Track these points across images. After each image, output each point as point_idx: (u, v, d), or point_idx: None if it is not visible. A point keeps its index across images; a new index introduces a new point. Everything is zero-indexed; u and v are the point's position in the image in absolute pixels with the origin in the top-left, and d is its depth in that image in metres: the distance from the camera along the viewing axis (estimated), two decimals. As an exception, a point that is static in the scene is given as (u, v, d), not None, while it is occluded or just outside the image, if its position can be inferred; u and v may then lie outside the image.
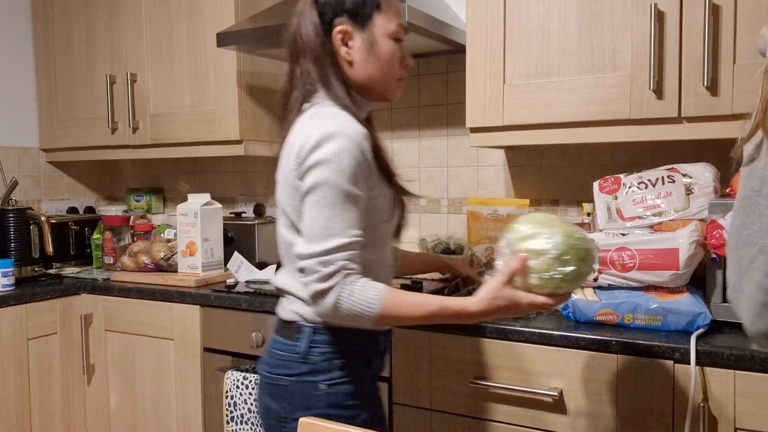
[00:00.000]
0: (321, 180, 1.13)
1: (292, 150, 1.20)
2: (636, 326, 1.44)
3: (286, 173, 1.22)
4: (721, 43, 1.46)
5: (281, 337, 1.26)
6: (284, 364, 1.23)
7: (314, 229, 1.13)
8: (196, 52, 2.29)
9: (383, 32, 1.23)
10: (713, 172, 1.51)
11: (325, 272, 1.11)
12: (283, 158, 1.25)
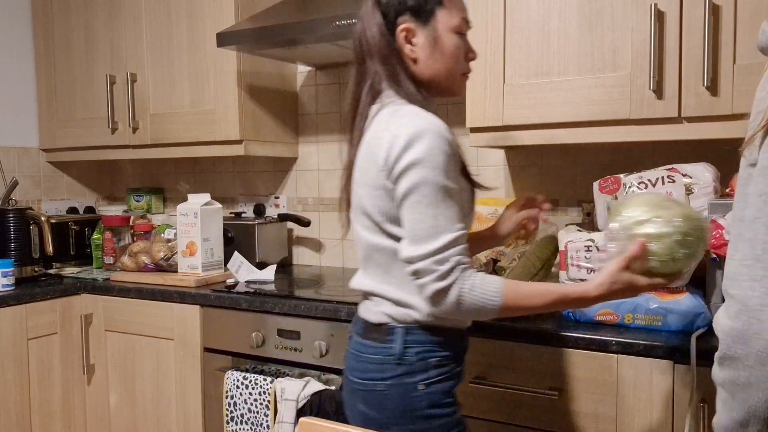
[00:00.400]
0: (419, 180, 1.11)
1: (376, 151, 1.17)
2: (636, 326, 1.44)
3: (371, 175, 1.18)
4: (721, 43, 1.46)
5: (370, 340, 1.22)
6: (378, 368, 1.20)
7: (420, 229, 1.11)
8: (196, 52, 2.29)
9: (446, 27, 1.22)
10: (713, 172, 1.51)
11: (442, 270, 1.09)
12: (363, 160, 1.21)
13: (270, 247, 2.41)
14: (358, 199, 1.23)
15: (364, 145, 1.22)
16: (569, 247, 1.51)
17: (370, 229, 1.22)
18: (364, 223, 1.23)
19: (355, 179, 1.24)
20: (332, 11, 1.85)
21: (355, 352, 1.25)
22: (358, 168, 1.22)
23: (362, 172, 1.21)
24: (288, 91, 2.48)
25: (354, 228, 1.28)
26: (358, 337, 1.26)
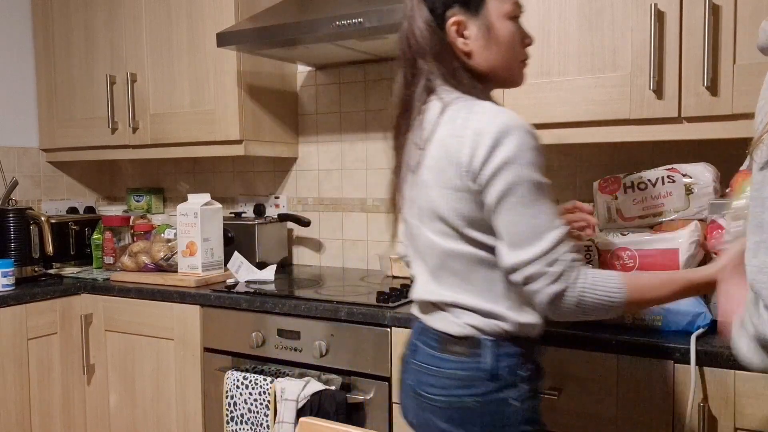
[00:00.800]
0: (515, 180, 1.03)
1: (457, 151, 1.08)
2: (636, 326, 1.44)
3: (449, 176, 1.09)
4: (721, 43, 1.46)
5: (451, 354, 1.13)
6: (465, 383, 1.11)
7: (522, 232, 1.04)
8: (196, 52, 2.29)
9: (499, 14, 1.14)
10: (713, 172, 1.51)
11: (556, 272, 1.02)
12: (438, 160, 1.11)
13: (270, 247, 2.41)
14: (429, 202, 1.13)
15: (436, 145, 1.11)
16: (569, 247, 1.51)
17: (445, 234, 1.12)
18: (437, 228, 1.13)
19: (423, 182, 1.13)
20: (332, 11, 1.85)
21: (429, 366, 1.15)
22: (430, 169, 1.12)
23: (437, 174, 1.11)
24: (288, 91, 2.48)
25: (419, 234, 1.17)
26: (431, 350, 1.15)
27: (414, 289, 1.22)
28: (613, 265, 1.45)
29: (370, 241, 2.41)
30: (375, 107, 2.37)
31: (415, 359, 1.18)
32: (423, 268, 1.18)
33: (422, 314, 1.21)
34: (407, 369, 1.21)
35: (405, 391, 1.21)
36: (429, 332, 1.17)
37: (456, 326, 1.13)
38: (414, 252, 1.21)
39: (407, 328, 1.62)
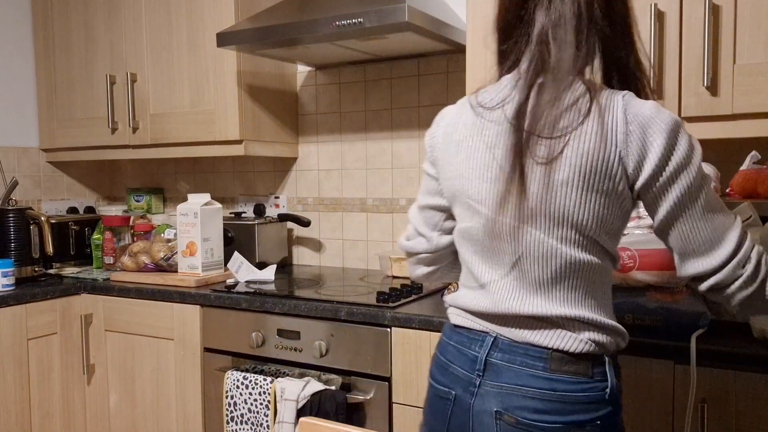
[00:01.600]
0: (692, 182, 0.94)
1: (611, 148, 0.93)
2: (636, 326, 1.44)
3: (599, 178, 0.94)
4: (721, 43, 1.46)
5: (569, 375, 0.98)
6: (587, 407, 0.97)
7: (705, 237, 0.95)
8: (196, 52, 2.29)
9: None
10: (713, 172, 1.51)
11: (749, 272, 0.95)
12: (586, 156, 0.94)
13: (270, 247, 2.41)
14: (562, 206, 0.96)
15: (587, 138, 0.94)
16: (569, 247, 1.51)
17: (574, 242, 0.97)
18: (564, 235, 0.97)
19: (559, 181, 0.95)
20: (332, 11, 1.85)
21: (535, 389, 0.98)
22: (575, 167, 0.94)
23: (585, 173, 0.94)
24: (288, 91, 2.48)
25: (528, 239, 0.99)
26: (535, 371, 0.99)
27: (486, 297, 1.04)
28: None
29: (370, 241, 2.41)
30: (375, 107, 2.37)
31: (503, 381, 1.00)
32: (517, 275, 1.01)
33: (512, 328, 1.02)
34: (481, 393, 1.02)
35: (478, 419, 1.02)
36: (529, 350, 1.00)
37: (577, 342, 0.99)
38: (499, 255, 1.02)
39: (407, 328, 1.62)
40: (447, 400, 1.06)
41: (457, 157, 1.06)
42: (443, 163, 1.10)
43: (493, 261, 1.04)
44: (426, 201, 1.16)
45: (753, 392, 1.26)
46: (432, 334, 1.59)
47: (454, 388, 1.06)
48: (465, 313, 1.08)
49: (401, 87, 2.31)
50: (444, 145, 1.10)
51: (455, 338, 1.08)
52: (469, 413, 1.03)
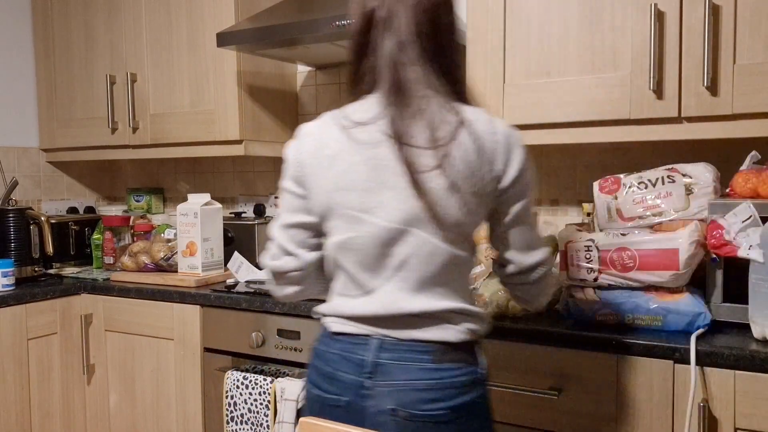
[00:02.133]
0: (530, 189, 1.13)
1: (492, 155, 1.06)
2: (636, 326, 1.44)
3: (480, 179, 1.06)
4: (721, 43, 1.46)
5: (451, 362, 1.07)
6: (467, 389, 1.08)
7: (535, 236, 1.16)
8: (196, 52, 2.29)
9: None
10: (713, 172, 1.51)
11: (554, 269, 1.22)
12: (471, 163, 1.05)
13: (270, 247, 2.41)
14: (448, 207, 1.05)
15: (468, 146, 1.04)
16: (569, 247, 1.51)
17: (454, 241, 1.07)
18: (447, 235, 1.06)
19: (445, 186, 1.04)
20: (332, 11, 1.85)
21: (425, 381, 1.05)
22: (456, 173, 1.04)
23: (465, 179, 1.04)
24: (288, 91, 2.48)
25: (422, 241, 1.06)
26: (423, 364, 1.06)
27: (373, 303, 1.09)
28: (613, 265, 1.45)
29: (370, 241, 2.41)
30: (375, 107, 2.36)
31: (394, 379, 1.06)
32: (403, 276, 1.08)
33: (397, 328, 1.08)
34: (373, 394, 1.06)
35: (373, 420, 1.07)
36: (414, 346, 1.07)
37: (456, 333, 1.09)
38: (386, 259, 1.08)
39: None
40: (338, 407, 1.10)
41: (332, 171, 1.09)
42: (315, 179, 1.12)
43: (379, 266, 1.09)
44: (291, 219, 1.16)
45: (753, 392, 1.26)
46: (432, 334, 1.59)
47: (344, 394, 1.09)
48: (346, 320, 1.12)
49: (401, 87, 2.31)
50: (315, 161, 1.12)
51: (337, 346, 1.12)
52: (363, 415, 1.07)
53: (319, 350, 1.15)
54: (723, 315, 1.41)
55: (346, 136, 1.10)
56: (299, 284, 1.19)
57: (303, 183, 1.14)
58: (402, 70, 1.06)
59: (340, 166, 1.09)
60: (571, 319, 1.51)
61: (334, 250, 1.13)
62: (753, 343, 1.30)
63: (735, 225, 1.36)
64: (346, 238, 1.10)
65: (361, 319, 1.11)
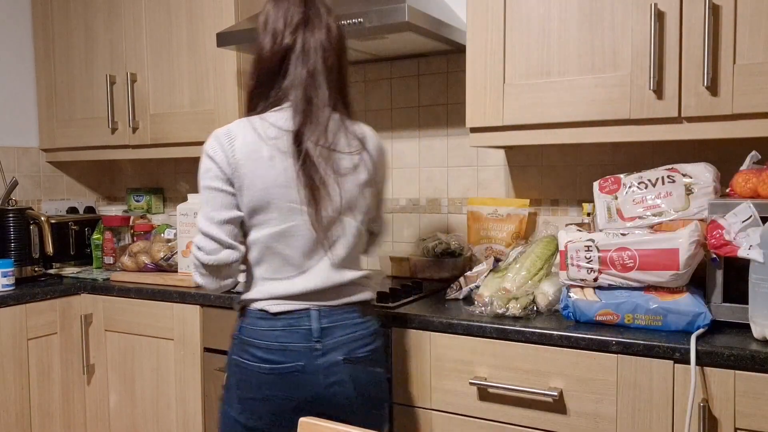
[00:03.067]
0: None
1: (382, 157, 1.48)
2: (636, 326, 1.44)
3: (374, 176, 1.43)
4: (721, 43, 1.46)
5: (370, 315, 1.42)
6: (377, 336, 1.43)
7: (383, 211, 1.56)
8: (196, 52, 2.29)
9: None
10: (713, 172, 1.51)
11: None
12: (375, 164, 1.43)
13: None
14: (362, 198, 1.39)
15: (373, 148, 1.43)
16: (569, 247, 1.51)
17: (364, 222, 1.42)
18: (362, 219, 1.41)
19: (361, 182, 1.39)
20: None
21: (362, 333, 1.38)
22: (367, 172, 1.40)
23: (371, 176, 1.41)
24: (288, 91, 2.48)
25: (344, 225, 1.37)
26: (357, 320, 1.38)
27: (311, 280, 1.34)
28: (613, 265, 1.45)
29: (370, 241, 2.41)
30: (375, 107, 2.37)
31: (338, 336, 1.34)
32: (331, 256, 1.36)
33: (330, 298, 1.36)
34: (325, 351, 1.32)
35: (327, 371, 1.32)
36: (345, 308, 1.37)
37: (370, 293, 1.44)
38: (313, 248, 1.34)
39: (407, 328, 1.62)
40: (294, 372, 1.31)
41: (272, 171, 1.30)
42: (252, 177, 1.30)
43: (314, 248, 1.34)
44: (225, 215, 1.31)
45: (753, 392, 1.26)
46: (432, 334, 1.59)
47: (299, 360, 1.32)
48: (283, 300, 1.33)
49: (401, 87, 2.31)
50: (249, 162, 1.30)
51: (280, 324, 1.32)
52: (317, 371, 1.32)
53: (257, 331, 1.33)
54: (723, 315, 1.41)
55: (274, 140, 1.31)
56: (235, 275, 1.37)
57: (235, 181, 1.31)
58: (313, 92, 1.32)
59: (280, 165, 1.30)
60: (571, 320, 1.51)
61: (269, 239, 1.33)
62: (753, 343, 1.30)
63: (735, 225, 1.36)
64: (284, 228, 1.32)
65: (298, 296, 1.33)
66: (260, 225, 1.32)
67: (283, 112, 1.33)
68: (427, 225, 2.29)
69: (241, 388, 1.33)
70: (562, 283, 1.55)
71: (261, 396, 1.32)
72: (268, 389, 1.31)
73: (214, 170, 1.31)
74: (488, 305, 1.58)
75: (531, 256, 1.69)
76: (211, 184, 1.31)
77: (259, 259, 1.34)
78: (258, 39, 1.37)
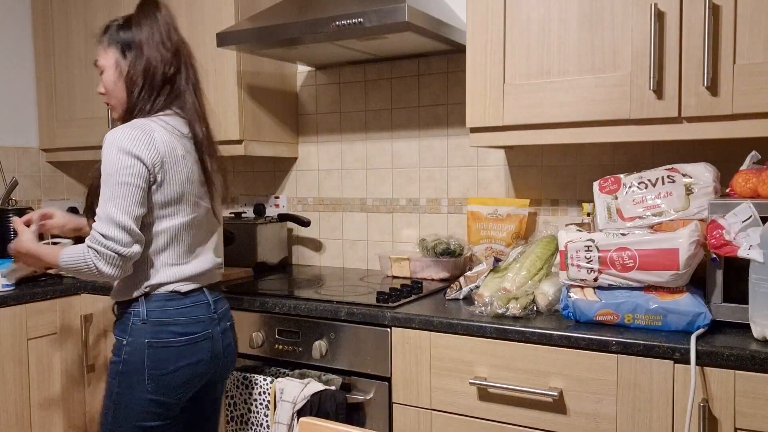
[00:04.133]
0: None
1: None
2: (636, 326, 1.44)
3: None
4: (721, 43, 1.46)
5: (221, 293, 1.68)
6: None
7: None
8: (196, 52, 2.27)
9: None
10: (713, 172, 1.51)
11: None
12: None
13: (270, 247, 2.41)
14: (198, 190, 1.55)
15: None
16: (569, 247, 1.51)
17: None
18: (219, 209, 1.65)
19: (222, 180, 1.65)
20: (332, 11, 1.85)
21: (227, 305, 1.66)
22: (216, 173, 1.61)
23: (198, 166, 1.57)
24: (288, 91, 2.48)
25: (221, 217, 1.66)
26: (221, 295, 1.65)
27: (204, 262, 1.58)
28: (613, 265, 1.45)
29: (369, 241, 2.41)
30: (375, 107, 2.37)
31: (221, 308, 1.61)
32: (208, 243, 1.62)
33: (210, 280, 1.61)
34: (220, 320, 1.59)
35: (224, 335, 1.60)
36: (216, 286, 1.66)
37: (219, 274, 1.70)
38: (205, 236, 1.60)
39: (407, 328, 1.62)
40: (209, 338, 1.55)
41: (186, 168, 1.51)
42: (172, 173, 1.48)
43: (205, 236, 1.61)
44: (140, 211, 1.44)
45: (753, 392, 1.26)
46: (432, 333, 1.59)
47: (208, 328, 1.55)
48: (188, 281, 1.54)
49: (401, 87, 2.31)
50: (171, 159, 1.48)
51: (189, 300, 1.54)
52: (218, 336, 1.58)
53: (170, 311, 1.50)
54: (723, 315, 1.41)
55: (180, 141, 1.51)
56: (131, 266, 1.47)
57: (158, 177, 1.45)
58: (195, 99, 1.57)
59: (189, 163, 1.52)
60: (571, 320, 1.51)
61: (178, 228, 1.51)
62: (753, 343, 1.30)
63: (735, 225, 1.36)
64: (191, 218, 1.53)
65: (197, 276, 1.56)
66: (170, 216, 1.50)
67: (174, 117, 1.53)
68: (427, 225, 2.29)
69: (156, 368, 1.47)
70: (562, 283, 1.55)
71: (175, 368, 1.49)
72: (183, 359, 1.50)
73: (138, 167, 1.42)
74: (488, 305, 1.58)
75: (531, 256, 1.69)
76: (132, 181, 1.42)
77: (164, 247, 1.51)
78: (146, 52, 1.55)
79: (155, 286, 1.50)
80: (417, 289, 1.88)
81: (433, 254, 2.09)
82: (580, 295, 1.50)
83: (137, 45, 1.52)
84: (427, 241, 2.14)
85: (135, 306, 1.50)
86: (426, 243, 2.13)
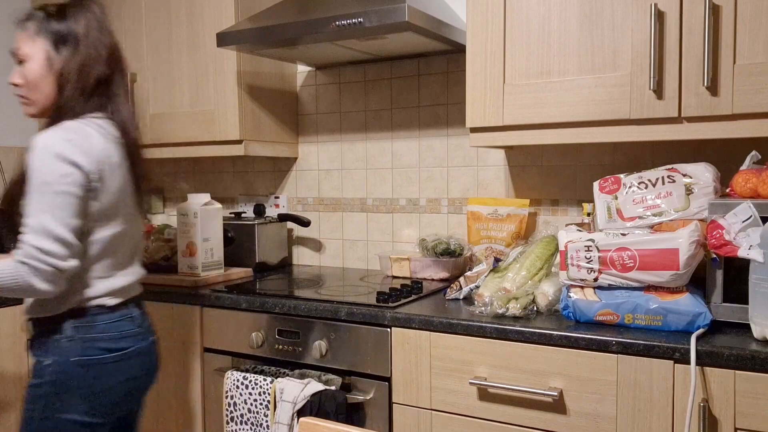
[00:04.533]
0: None
1: None
2: (636, 326, 1.44)
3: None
4: (721, 43, 1.46)
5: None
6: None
7: None
8: (196, 52, 2.29)
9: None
10: (713, 172, 1.51)
11: None
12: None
13: (270, 247, 2.41)
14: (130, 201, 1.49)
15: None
16: (569, 247, 1.51)
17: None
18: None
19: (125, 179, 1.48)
20: (332, 11, 1.85)
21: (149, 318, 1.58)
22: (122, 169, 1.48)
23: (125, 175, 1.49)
24: (288, 91, 2.48)
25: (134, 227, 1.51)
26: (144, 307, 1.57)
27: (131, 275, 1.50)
28: (613, 265, 1.45)
29: (369, 241, 2.41)
30: (375, 107, 2.37)
31: (147, 322, 1.56)
32: (136, 257, 1.54)
33: (135, 293, 1.53)
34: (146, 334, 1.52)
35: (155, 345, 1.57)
36: (139, 299, 1.55)
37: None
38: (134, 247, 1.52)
39: (407, 328, 1.62)
40: (140, 354, 1.49)
41: (120, 176, 1.42)
42: (110, 182, 1.39)
43: (133, 247, 1.51)
44: (77, 222, 1.33)
45: (753, 392, 1.26)
46: (432, 334, 1.59)
47: (138, 343, 1.49)
48: (115, 296, 1.45)
49: (401, 87, 2.31)
50: (108, 167, 1.39)
51: (117, 314, 1.45)
52: (146, 350, 1.51)
53: (98, 327, 1.41)
54: (723, 315, 1.41)
55: (113, 146, 1.41)
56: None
57: (95, 186, 1.36)
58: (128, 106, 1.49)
59: (123, 171, 1.43)
60: (571, 320, 1.51)
61: (110, 239, 1.42)
62: (753, 343, 1.30)
63: (735, 225, 1.36)
64: (122, 230, 1.44)
65: (123, 290, 1.47)
66: (103, 227, 1.40)
67: (106, 121, 1.43)
68: (427, 225, 2.29)
69: (88, 387, 1.38)
70: (562, 283, 1.55)
71: (108, 386, 1.41)
72: (117, 376, 1.43)
73: (76, 176, 1.32)
74: (488, 305, 1.58)
75: (531, 256, 1.69)
76: (69, 190, 1.31)
77: (95, 259, 1.41)
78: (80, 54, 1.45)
79: (84, 300, 1.40)
80: (417, 289, 1.88)
81: (433, 254, 2.09)
82: (580, 295, 1.50)
83: (73, 39, 1.40)
84: (427, 241, 2.14)
85: (58, 322, 1.38)
86: (426, 243, 2.13)
